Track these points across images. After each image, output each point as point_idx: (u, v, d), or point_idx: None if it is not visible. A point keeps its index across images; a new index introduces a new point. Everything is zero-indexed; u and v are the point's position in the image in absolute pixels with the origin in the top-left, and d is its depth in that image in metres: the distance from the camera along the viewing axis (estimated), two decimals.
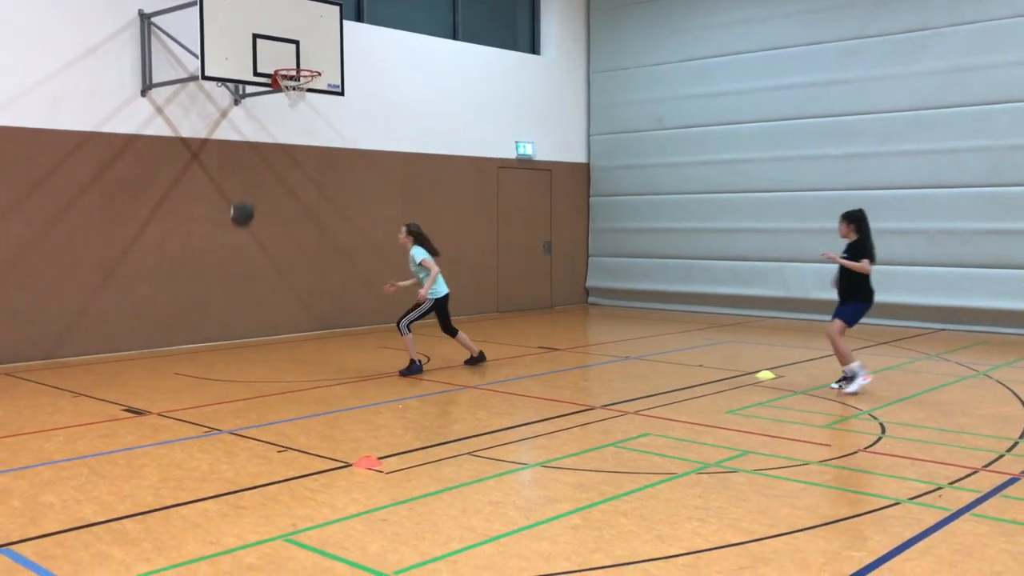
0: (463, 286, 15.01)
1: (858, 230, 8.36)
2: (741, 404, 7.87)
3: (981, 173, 12.64)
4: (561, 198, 16.67)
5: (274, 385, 8.93)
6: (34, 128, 10.29)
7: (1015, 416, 7.37)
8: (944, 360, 10.33)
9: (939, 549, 4.42)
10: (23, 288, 10.31)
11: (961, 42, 12.74)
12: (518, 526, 4.77)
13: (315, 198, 12.88)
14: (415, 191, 14.18)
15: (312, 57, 10.98)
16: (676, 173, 15.80)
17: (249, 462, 6.06)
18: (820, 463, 5.95)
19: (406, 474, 5.74)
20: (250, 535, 4.65)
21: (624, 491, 5.34)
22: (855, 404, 7.83)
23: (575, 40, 16.79)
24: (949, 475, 5.66)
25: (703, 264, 15.56)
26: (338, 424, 7.34)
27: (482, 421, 7.26)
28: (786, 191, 14.52)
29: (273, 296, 12.47)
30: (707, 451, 6.28)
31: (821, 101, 14.07)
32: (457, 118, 14.74)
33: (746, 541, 4.53)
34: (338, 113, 12.98)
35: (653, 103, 16.04)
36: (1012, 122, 12.35)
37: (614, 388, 8.81)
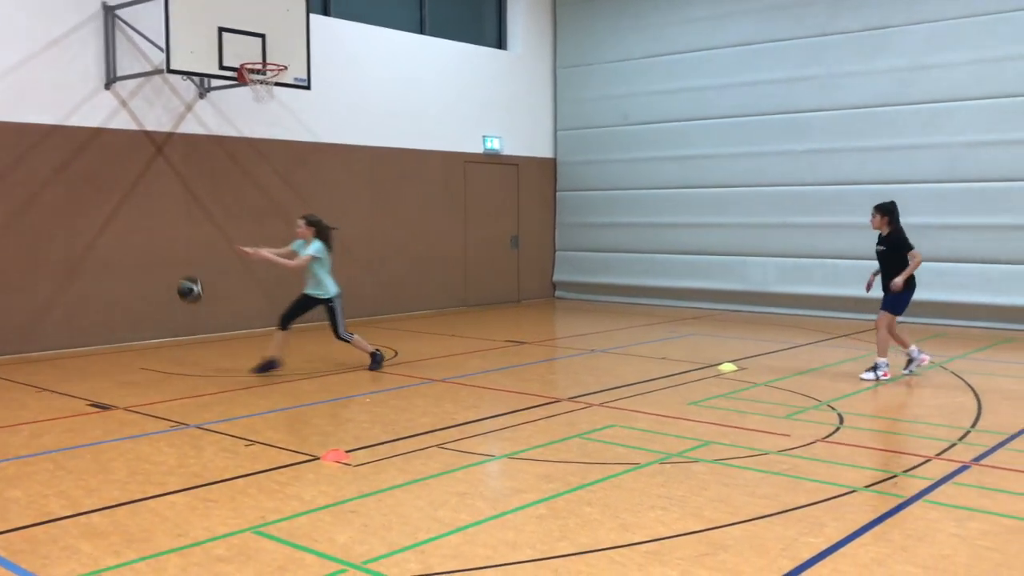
0: (430, 280, 15.08)
1: (891, 222, 8.69)
2: (703, 396, 8.01)
3: (938, 169, 12.91)
4: (528, 193, 16.76)
5: (241, 379, 8.93)
6: None
7: (968, 406, 7.58)
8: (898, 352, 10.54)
9: (892, 535, 4.57)
10: None
11: (920, 40, 13.00)
12: (485, 516, 4.85)
13: (282, 192, 12.86)
14: (382, 185, 14.20)
15: (278, 51, 10.97)
16: (642, 168, 15.95)
17: (217, 456, 6.09)
18: (779, 453, 6.10)
19: (374, 467, 5.80)
20: (219, 527, 4.69)
21: (589, 481, 5.45)
22: (814, 395, 8.00)
23: (541, 35, 16.87)
24: (903, 463, 5.83)
25: (668, 258, 15.74)
26: (306, 418, 7.38)
27: (449, 414, 7.33)
28: (750, 186, 14.73)
29: (240, 291, 12.44)
30: (670, 442, 6.40)
31: (785, 97, 14.27)
32: (424, 112, 14.78)
33: (707, 528, 4.65)
34: (305, 107, 12.96)
35: (619, 99, 16.17)
36: (967, 120, 12.63)
37: (580, 381, 8.92)
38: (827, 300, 13.93)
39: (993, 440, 6.42)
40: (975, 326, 12.59)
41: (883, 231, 8.78)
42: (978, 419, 7.10)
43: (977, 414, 7.27)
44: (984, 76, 12.49)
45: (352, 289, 13.74)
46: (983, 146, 12.55)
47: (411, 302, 14.74)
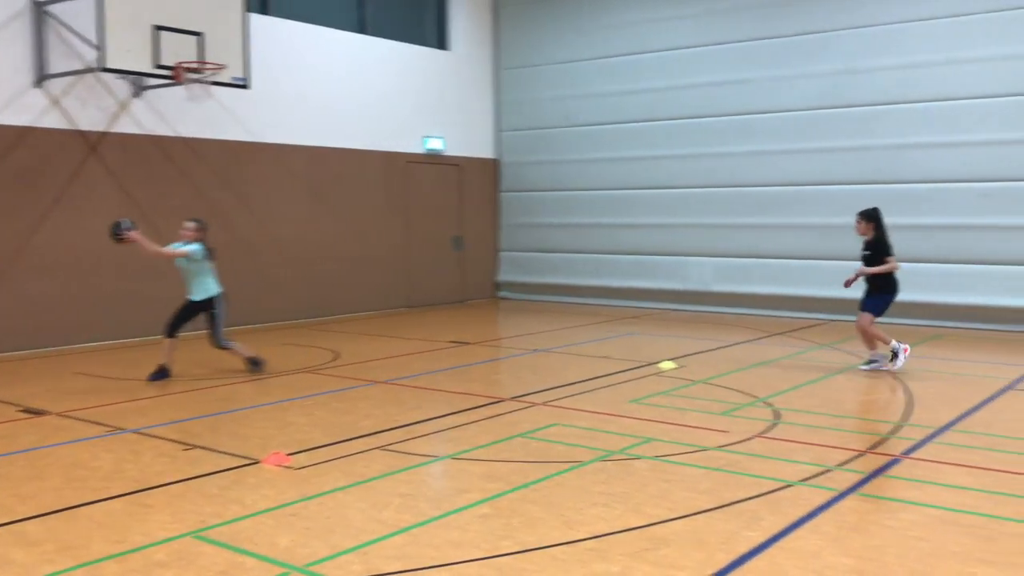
0: (372, 281, 15.00)
1: (876, 227, 9.07)
2: (644, 393, 8.12)
3: (868, 170, 13.26)
4: (471, 193, 16.77)
5: (179, 383, 8.79)
6: None
7: (898, 401, 7.80)
8: (835, 349, 10.82)
9: (826, 527, 4.69)
10: None
11: (851, 46, 13.34)
12: (428, 517, 4.86)
13: (219, 193, 12.67)
14: (322, 186, 14.09)
15: (216, 50, 10.83)
16: (584, 169, 16.08)
17: (155, 461, 5.99)
18: (718, 449, 6.21)
19: (316, 469, 5.77)
20: (158, 533, 4.62)
21: (532, 480, 5.49)
22: (751, 392, 8.16)
23: (483, 36, 16.90)
24: (837, 458, 5.98)
25: (610, 258, 15.89)
26: (246, 421, 7.30)
27: (392, 416, 7.32)
28: (690, 187, 14.94)
29: (176, 293, 12.18)
30: (612, 439, 6.48)
31: (723, 100, 14.52)
32: (365, 112, 14.70)
33: (648, 524, 4.72)
34: (243, 107, 12.79)
35: (561, 100, 16.27)
36: (894, 124, 13.00)
37: (523, 380, 8.97)
38: (765, 299, 14.21)
39: (922, 434, 6.62)
40: (905, 324, 12.93)
41: (867, 236, 9.14)
42: (908, 414, 7.31)
43: (908, 409, 7.49)
44: (909, 80, 12.86)
45: (291, 291, 13.64)
46: (909, 148, 12.92)
47: (352, 304, 14.64)
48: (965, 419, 7.14)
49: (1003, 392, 8.23)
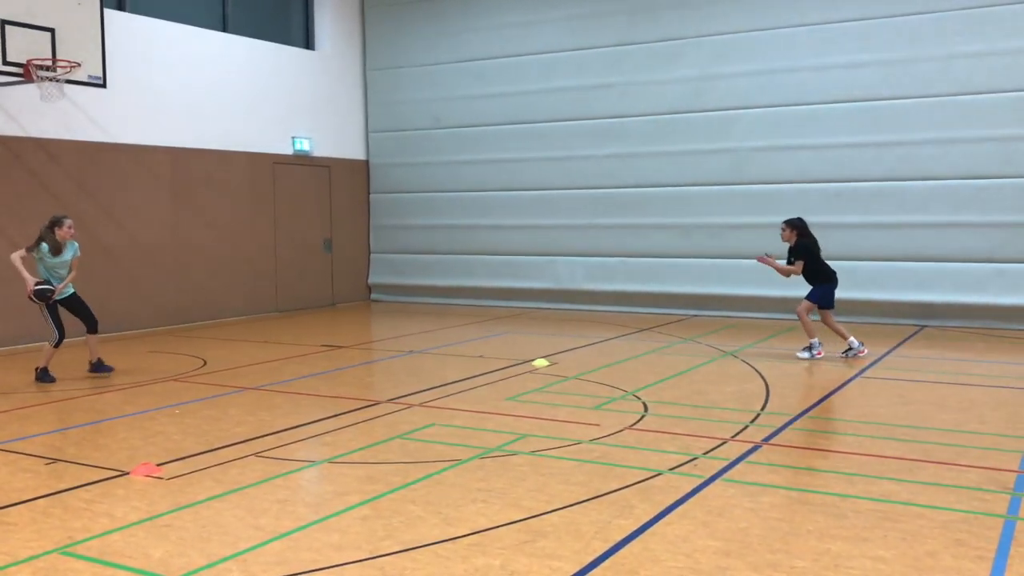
0: (240, 285, 14.65)
1: (799, 235, 9.83)
2: (519, 391, 8.27)
3: (726, 172, 13.88)
4: (340, 195, 16.60)
5: (35, 395, 8.39)
6: None
7: (758, 391, 8.23)
8: (697, 343, 11.28)
9: (695, 512, 4.93)
10: None
11: (708, 53, 13.92)
12: (307, 521, 4.84)
13: (75, 196, 12.12)
14: (185, 187, 13.66)
15: (70, 47, 10.37)
16: (454, 171, 16.17)
17: (14, 476, 5.72)
18: (591, 442, 6.41)
19: (188, 479, 5.64)
20: (21, 551, 4.43)
21: (411, 480, 5.53)
22: (621, 386, 8.43)
23: (350, 36, 16.75)
24: (703, 446, 6.27)
25: (481, 259, 16.03)
26: (111, 432, 7.04)
27: (266, 422, 7.20)
28: (557, 189, 15.24)
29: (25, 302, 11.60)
30: (489, 437, 6.59)
31: (588, 104, 14.88)
32: (229, 112, 14.34)
33: (526, 517, 4.85)
34: (99, 106, 12.27)
35: (430, 102, 16.31)
36: (751, 126, 13.66)
37: (399, 382, 8.98)
38: (630, 296, 14.65)
39: (780, 421, 7.01)
40: (761, 317, 13.60)
41: (791, 242, 9.93)
42: (767, 403, 7.73)
43: (766, 398, 7.91)
44: (763, 86, 13.54)
45: (154, 297, 13.18)
46: (763, 151, 13.60)
47: (219, 309, 14.26)
48: (818, 406, 7.61)
49: (853, 379, 8.79)
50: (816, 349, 9.92)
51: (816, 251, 9.97)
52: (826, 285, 10.01)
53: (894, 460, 5.90)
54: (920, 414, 7.32)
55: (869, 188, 13.00)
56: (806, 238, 9.95)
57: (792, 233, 9.96)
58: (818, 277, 9.97)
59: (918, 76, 12.61)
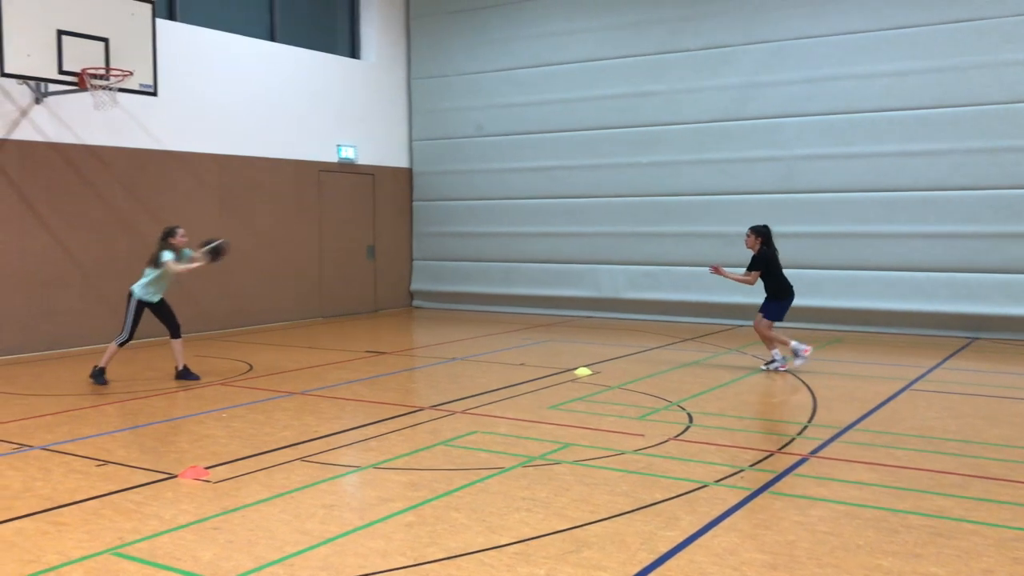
0: (285, 291, 14.81)
1: (763, 243, 9.66)
2: (561, 400, 8.25)
3: (773, 181, 13.74)
4: (384, 202, 16.71)
5: (86, 398, 8.54)
6: None
7: (804, 403, 8.12)
8: (742, 353, 11.17)
9: (741, 525, 4.87)
10: None
11: (754, 60, 13.81)
12: (353, 527, 4.86)
13: (125, 202, 12.35)
14: (232, 194, 13.85)
15: (123, 56, 10.57)
16: (497, 179, 16.21)
17: (66, 478, 5.83)
18: (635, 452, 6.37)
19: (236, 482, 5.70)
20: (74, 551, 4.51)
21: (455, 487, 5.54)
22: (665, 396, 8.37)
23: (395, 45, 16.88)
24: (749, 458, 6.20)
25: (522, 267, 16.04)
26: (160, 436, 7.15)
27: (311, 426, 7.26)
28: (600, 197, 15.21)
29: (81, 305, 11.86)
30: (532, 445, 6.57)
31: (631, 112, 14.83)
32: (276, 121, 14.52)
33: (571, 527, 4.82)
34: (150, 114, 12.50)
35: (473, 111, 16.37)
36: (799, 134, 13.51)
37: (441, 389, 9.00)
38: (674, 305, 14.56)
39: (828, 434, 6.91)
40: (808, 328, 13.43)
41: (755, 250, 9.76)
42: (813, 415, 7.62)
43: (813, 410, 7.80)
44: (812, 94, 13.39)
45: (202, 301, 13.36)
46: (813, 159, 13.44)
47: (265, 314, 14.42)
48: (867, 418, 7.48)
49: (901, 392, 8.64)
50: (802, 350, 9.70)
51: (776, 262, 9.77)
52: (784, 301, 9.80)
53: (946, 475, 5.78)
54: (971, 428, 7.17)
55: (919, 197, 12.78)
56: (769, 247, 9.75)
57: (756, 240, 9.73)
58: (777, 291, 9.79)
59: (969, 84, 12.39)
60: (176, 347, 9.42)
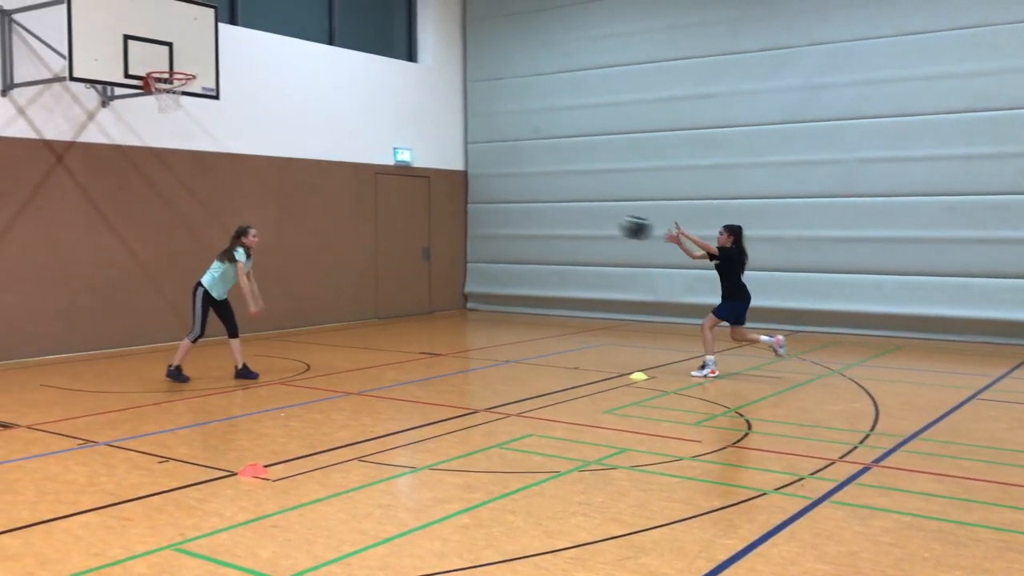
0: (341, 292, 14.96)
1: (734, 242, 9.80)
2: (617, 404, 8.19)
3: (834, 184, 13.50)
4: (439, 205, 16.80)
5: (148, 395, 8.71)
6: None
7: (866, 411, 7.95)
8: (802, 360, 10.99)
9: (802, 534, 4.78)
10: None
11: (815, 62, 13.59)
12: (409, 527, 4.88)
13: (188, 203, 12.58)
14: (291, 196, 14.04)
15: (186, 60, 10.76)
16: (552, 182, 16.18)
17: (129, 473, 5.94)
18: (693, 458, 6.29)
19: (293, 481, 5.76)
20: (137, 546, 4.59)
21: (510, 490, 5.52)
22: (722, 403, 8.27)
23: (452, 48, 16.96)
24: (809, 466, 6.09)
25: (577, 270, 15.98)
26: (219, 434, 7.26)
27: (367, 427, 7.31)
28: (657, 200, 15.07)
29: (144, 304, 12.11)
30: (587, 450, 6.53)
31: (690, 114, 14.69)
32: (334, 123, 14.68)
33: (628, 533, 4.78)
34: (211, 117, 12.72)
35: (529, 113, 16.37)
36: (861, 137, 13.25)
37: (496, 391, 9.00)
38: None
39: (891, 443, 6.76)
40: (869, 334, 13.17)
41: (724, 244, 9.88)
42: (876, 423, 7.46)
43: (875, 419, 7.63)
44: (874, 96, 13.12)
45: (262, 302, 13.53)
46: (875, 163, 13.18)
47: (321, 315, 14.58)
48: (931, 428, 7.30)
49: (967, 401, 8.41)
50: (710, 367, 9.64)
51: (739, 265, 9.85)
52: (739, 302, 9.85)
53: (1017, 487, 5.61)
54: None
55: (987, 202, 12.44)
56: (738, 248, 9.85)
57: (728, 238, 9.87)
58: (734, 292, 9.83)
59: None
60: (235, 346, 9.56)
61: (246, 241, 9.40)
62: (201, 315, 9.28)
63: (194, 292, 9.35)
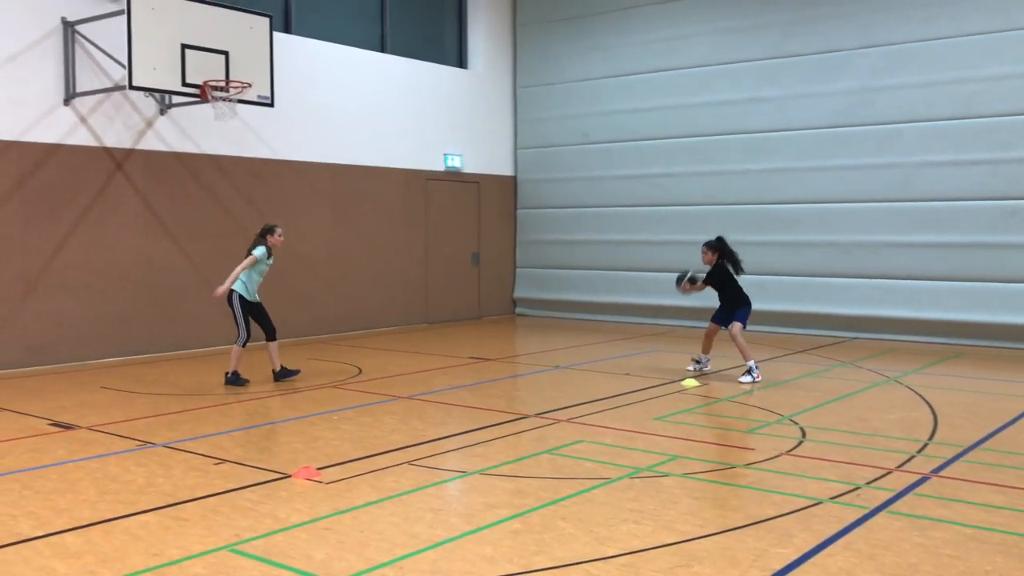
0: (392, 296, 15.08)
1: (720, 257, 9.70)
2: (668, 411, 8.13)
3: (891, 188, 13.25)
4: (489, 210, 16.85)
5: (205, 398, 8.86)
6: None
7: (924, 419, 7.79)
8: (857, 367, 10.80)
9: (859, 544, 4.69)
10: None
11: (870, 64, 13.37)
12: (460, 532, 4.89)
13: (243, 209, 12.78)
14: (343, 202, 14.19)
15: (242, 68, 10.95)
16: (602, 187, 16.13)
17: (186, 475, 6.05)
18: (745, 466, 6.22)
19: (346, 484, 5.81)
20: (194, 546, 4.67)
21: (561, 496, 5.51)
22: (776, 410, 8.16)
23: (502, 54, 17.02)
24: (866, 475, 5.98)
25: (627, 275, 15.91)
26: (273, 436, 7.36)
27: (418, 431, 7.35)
28: (707, 204, 14.96)
29: (199, 308, 12.32)
30: (638, 456, 6.49)
31: (742, 118, 14.55)
32: (385, 130, 14.81)
33: (680, 541, 4.74)
34: (266, 124, 12.93)
35: (579, 118, 16.35)
36: (918, 140, 13.00)
37: (546, 397, 8.99)
38: (784, 316, 14.18)
39: (950, 452, 6.61)
40: (927, 341, 12.90)
41: (711, 264, 9.78)
42: (934, 432, 7.30)
43: (933, 427, 7.47)
44: (932, 99, 12.87)
45: (315, 307, 13.73)
46: (933, 166, 12.91)
47: (373, 319, 14.71)
48: (993, 437, 7.13)
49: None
50: (755, 371, 9.53)
51: (736, 270, 9.72)
52: (749, 307, 9.82)
53: None
54: None
55: None
56: (727, 258, 9.69)
57: (714, 255, 9.71)
58: (739, 299, 9.75)
59: None
60: (272, 349, 9.67)
61: (271, 240, 9.51)
62: (243, 318, 9.42)
63: (229, 299, 9.47)
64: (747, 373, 9.57)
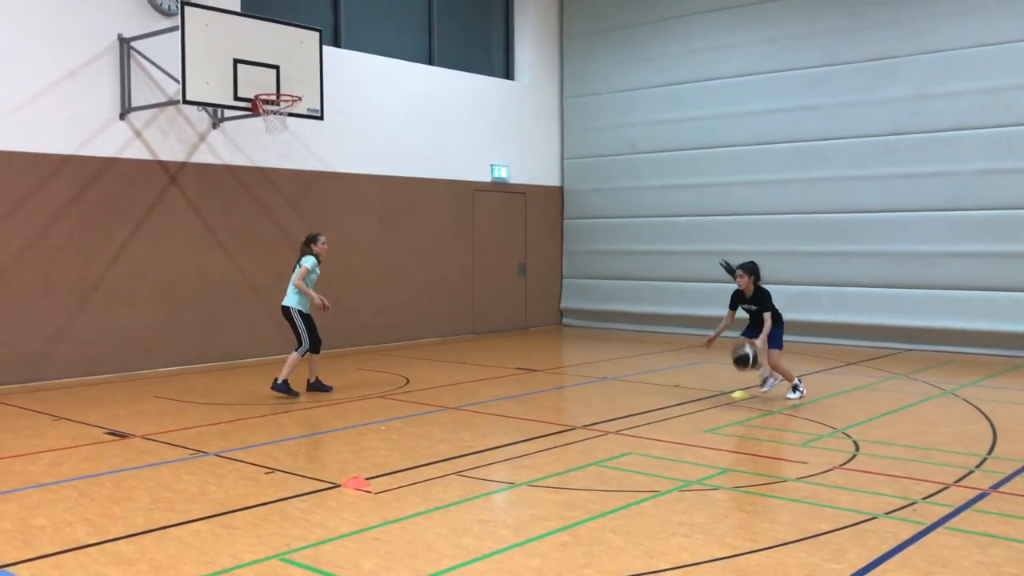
0: (439, 307, 15.14)
1: (755, 280, 9.16)
2: (718, 423, 8.04)
3: (945, 197, 12.99)
4: (535, 220, 16.86)
5: (256, 407, 8.96)
6: (11, 151, 10.30)
7: (982, 433, 7.60)
8: (912, 379, 10.58)
9: (915, 561, 4.58)
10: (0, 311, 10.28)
11: (925, 71, 13.13)
12: (509, 543, 4.87)
13: (293, 221, 12.93)
14: (391, 213, 14.30)
15: (292, 82, 11.09)
16: (649, 196, 16.05)
17: (238, 483, 6.11)
18: (797, 480, 6.12)
19: (395, 494, 5.83)
20: (245, 555, 4.71)
21: (610, 509, 5.47)
22: (828, 423, 8.02)
23: (548, 65, 17.05)
24: (922, 490, 5.84)
25: (675, 286, 15.79)
26: (323, 446, 7.41)
27: (466, 441, 7.36)
28: (758, 214, 14.81)
29: (251, 319, 12.49)
30: (687, 469, 6.42)
31: (791, 126, 14.39)
32: (433, 141, 14.90)
33: (731, 555, 4.67)
34: (316, 137, 13.08)
35: (625, 128, 16.30)
36: (974, 148, 12.73)
37: (593, 408, 8.94)
38: (836, 327, 13.96)
39: (1010, 467, 6.44)
40: (984, 353, 12.61)
41: (750, 291, 9.17)
42: (993, 446, 7.12)
43: (992, 442, 7.29)
44: (989, 105, 12.60)
45: (363, 317, 13.83)
46: (990, 174, 12.63)
47: (420, 329, 14.78)
48: None
49: None
50: (801, 388, 9.16)
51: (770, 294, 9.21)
52: (782, 325, 9.26)
53: None
54: None
55: None
56: (761, 286, 9.20)
57: (750, 280, 9.12)
58: (776, 320, 9.15)
59: None
60: (314, 360, 9.71)
61: (316, 248, 9.55)
62: (304, 326, 9.46)
63: (287, 314, 9.52)
64: (793, 390, 9.22)
